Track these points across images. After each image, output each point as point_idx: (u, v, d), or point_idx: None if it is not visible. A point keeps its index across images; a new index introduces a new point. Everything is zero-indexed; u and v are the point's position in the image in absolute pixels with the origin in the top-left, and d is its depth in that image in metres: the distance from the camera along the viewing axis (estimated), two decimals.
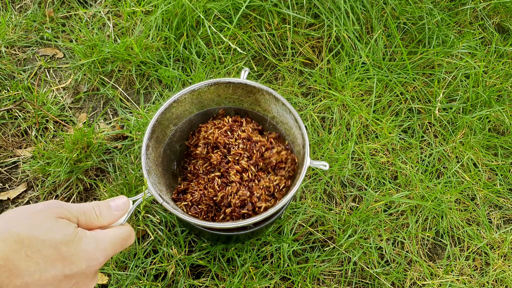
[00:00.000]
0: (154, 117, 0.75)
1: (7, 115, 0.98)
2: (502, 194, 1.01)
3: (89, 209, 0.50)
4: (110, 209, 0.53)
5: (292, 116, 0.77)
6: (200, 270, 0.86)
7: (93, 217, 0.50)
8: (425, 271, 0.89)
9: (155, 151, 0.77)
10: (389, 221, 0.93)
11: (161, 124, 0.77)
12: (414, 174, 0.98)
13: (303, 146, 0.76)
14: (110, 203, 0.53)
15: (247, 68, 0.81)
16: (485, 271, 0.92)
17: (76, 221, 0.48)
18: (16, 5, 1.15)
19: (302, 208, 0.91)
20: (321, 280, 0.87)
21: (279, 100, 0.78)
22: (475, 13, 1.18)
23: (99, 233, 0.49)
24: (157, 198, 0.68)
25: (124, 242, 0.52)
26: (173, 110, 0.79)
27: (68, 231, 0.45)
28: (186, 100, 0.80)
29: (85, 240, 0.46)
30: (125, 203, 0.55)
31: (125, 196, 0.56)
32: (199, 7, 1.03)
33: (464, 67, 1.09)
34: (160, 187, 0.73)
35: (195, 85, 0.78)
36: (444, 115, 1.06)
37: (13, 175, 0.94)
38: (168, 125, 0.80)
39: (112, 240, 0.50)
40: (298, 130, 0.77)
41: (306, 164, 0.72)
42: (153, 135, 0.76)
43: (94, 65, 1.04)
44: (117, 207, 0.54)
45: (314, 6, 1.06)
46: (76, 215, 0.48)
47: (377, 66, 1.07)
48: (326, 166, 0.72)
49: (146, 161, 0.73)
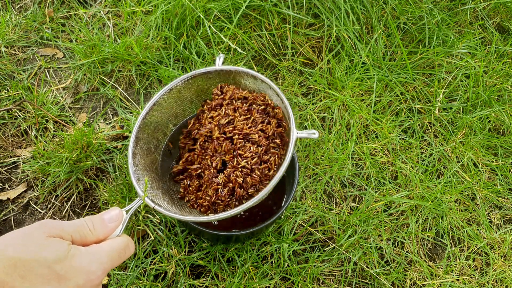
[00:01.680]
0: (136, 123, 0.74)
1: (7, 115, 0.98)
2: (502, 194, 1.01)
3: (82, 224, 0.50)
4: (103, 222, 0.52)
5: (273, 91, 0.76)
6: (200, 270, 0.86)
7: (87, 232, 0.50)
8: (425, 271, 0.89)
9: (144, 158, 0.76)
10: (389, 221, 0.93)
11: (145, 130, 0.76)
12: (414, 174, 0.98)
13: (288, 118, 0.75)
14: (104, 216, 0.53)
15: (222, 54, 0.80)
16: (485, 271, 0.92)
17: (69, 239, 0.48)
18: (16, 5, 1.15)
19: (302, 208, 0.91)
20: (321, 280, 0.87)
21: (257, 78, 0.77)
22: (475, 13, 1.18)
23: (93, 247, 0.49)
24: (149, 203, 0.67)
25: (122, 253, 0.51)
26: (155, 114, 0.77)
27: (61, 249, 0.45)
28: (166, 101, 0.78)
29: (79, 256, 0.46)
30: (118, 214, 0.54)
31: (117, 207, 0.56)
32: (199, 7, 1.02)
33: (464, 67, 1.09)
34: (154, 191, 0.72)
35: (172, 83, 0.77)
36: (444, 115, 1.06)
37: (13, 175, 0.94)
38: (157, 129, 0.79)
39: (108, 252, 0.49)
40: (281, 103, 0.76)
41: (293, 135, 0.70)
42: (138, 143, 0.74)
43: (94, 65, 1.04)
44: (110, 219, 0.53)
45: (314, 6, 1.06)
46: (70, 232, 0.48)
47: (377, 66, 1.07)
48: (315, 134, 0.70)
49: (135, 169, 0.71)
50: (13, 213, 0.90)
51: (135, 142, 0.74)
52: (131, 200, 0.88)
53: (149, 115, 0.76)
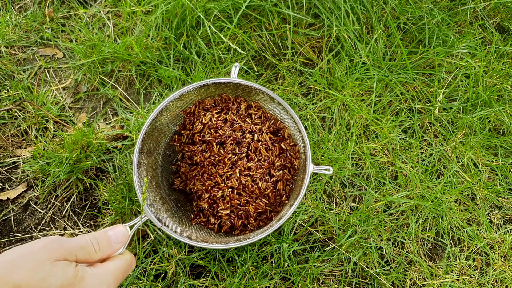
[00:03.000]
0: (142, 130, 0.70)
1: (7, 115, 0.98)
2: (502, 194, 1.01)
3: (88, 244, 0.49)
4: (109, 242, 0.52)
5: (290, 116, 0.74)
6: (200, 270, 0.86)
7: (92, 252, 0.49)
8: (425, 271, 0.89)
9: (147, 166, 0.73)
10: (389, 221, 0.93)
11: (151, 136, 0.74)
12: (414, 174, 0.98)
13: (304, 150, 0.72)
14: (109, 234, 0.53)
15: (238, 64, 0.77)
16: (485, 271, 0.92)
17: (74, 258, 0.47)
18: (16, 5, 1.15)
19: (302, 208, 0.91)
20: (321, 280, 0.87)
21: (274, 100, 0.74)
22: (475, 13, 1.18)
23: (100, 269, 0.49)
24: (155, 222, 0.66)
25: (127, 271, 0.52)
26: (162, 119, 0.75)
27: (68, 274, 0.44)
28: (174, 107, 0.76)
29: (87, 279, 0.46)
30: (125, 235, 0.54)
31: (122, 225, 0.55)
32: (199, 7, 1.02)
33: (464, 67, 1.09)
34: (156, 205, 0.70)
35: (182, 89, 0.74)
36: (444, 115, 1.06)
37: (13, 175, 0.94)
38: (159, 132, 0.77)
39: (114, 274, 0.50)
40: (297, 132, 0.74)
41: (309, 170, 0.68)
42: (143, 151, 0.72)
43: (94, 65, 1.04)
44: (116, 240, 0.53)
45: (314, 6, 1.06)
46: (75, 252, 0.47)
47: (377, 66, 1.07)
48: (330, 171, 0.67)
49: (139, 181, 0.69)
50: (13, 213, 0.90)
51: (140, 150, 0.71)
52: (130, 200, 0.88)
53: (155, 120, 0.73)
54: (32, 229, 0.89)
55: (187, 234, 0.70)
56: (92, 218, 0.91)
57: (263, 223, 0.74)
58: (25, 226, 0.89)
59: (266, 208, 0.74)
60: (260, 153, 0.74)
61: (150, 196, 0.70)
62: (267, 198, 0.73)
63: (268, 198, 0.73)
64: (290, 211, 0.67)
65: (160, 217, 0.68)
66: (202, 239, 0.71)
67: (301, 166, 0.74)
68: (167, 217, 0.70)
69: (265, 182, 0.72)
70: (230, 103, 0.77)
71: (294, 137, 0.76)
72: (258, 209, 0.73)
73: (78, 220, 0.90)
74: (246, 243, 0.66)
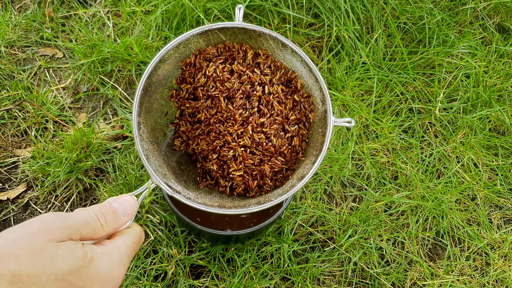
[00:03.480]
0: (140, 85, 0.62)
1: (6, 115, 0.98)
2: (502, 194, 1.00)
3: (93, 219, 0.43)
4: (115, 215, 0.45)
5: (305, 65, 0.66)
6: (200, 270, 0.86)
7: (98, 227, 0.43)
8: (425, 271, 0.89)
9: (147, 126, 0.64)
10: (389, 221, 0.93)
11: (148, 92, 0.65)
12: (415, 174, 0.98)
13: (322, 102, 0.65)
14: (114, 205, 0.46)
15: (241, 5, 0.68)
16: (486, 271, 0.92)
17: (79, 237, 0.40)
18: (15, 5, 1.14)
19: (302, 208, 0.91)
20: (321, 281, 0.87)
21: (287, 47, 0.65)
22: (475, 13, 1.18)
23: (109, 247, 0.43)
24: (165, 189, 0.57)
25: (137, 247, 0.46)
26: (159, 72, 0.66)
27: (76, 256, 0.38)
28: (172, 57, 0.67)
29: (97, 260, 0.40)
30: (132, 205, 0.47)
31: (128, 195, 0.49)
32: (199, 7, 1.02)
33: (464, 67, 1.09)
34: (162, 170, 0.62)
35: (181, 36, 0.64)
36: (445, 115, 1.06)
37: (13, 175, 0.94)
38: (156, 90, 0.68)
39: (126, 251, 0.44)
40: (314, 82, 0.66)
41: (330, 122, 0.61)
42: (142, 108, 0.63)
43: (94, 65, 1.04)
44: (123, 212, 0.46)
45: (314, 6, 1.06)
46: (79, 229, 0.41)
47: (377, 66, 1.07)
48: (352, 122, 0.62)
49: (141, 144, 0.60)
50: (13, 213, 0.90)
51: (139, 108, 0.63)
52: None
53: (152, 74, 0.65)
54: None
55: (201, 200, 0.63)
56: None
57: (279, 182, 0.68)
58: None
59: (282, 167, 0.68)
60: (272, 107, 0.67)
61: (155, 160, 0.62)
62: (282, 155, 0.67)
63: (284, 155, 0.67)
64: (314, 168, 0.61)
65: (168, 182, 0.60)
66: (218, 204, 0.64)
67: (318, 119, 0.67)
68: (174, 183, 0.62)
69: (280, 139, 0.66)
70: (235, 52, 0.69)
71: (310, 88, 0.68)
72: (274, 168, 0.66)
73: None
74: (269, 205, 0.60)
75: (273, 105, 0.67)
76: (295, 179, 0.65)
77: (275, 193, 0.65)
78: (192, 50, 0.69)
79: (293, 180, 0.65)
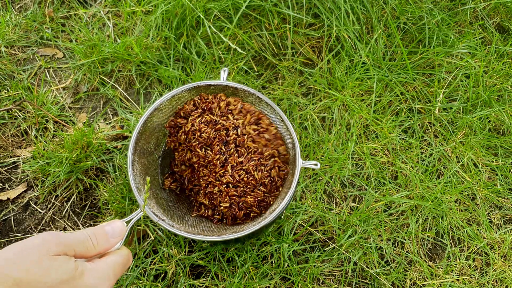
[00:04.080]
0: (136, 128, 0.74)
1: (7, 115, 0.98)
2: (502, 194, 1.01)
3: (86, 238, 0.49)
4: (106, 237, 0.52)
5: (277, 116, 0.77)
6: (200, 270, 0.86)
7: (90, 247, 0.50)
8: (425, 271, 0.89)
9: (140, 164, 0.76)
10: (389, 221, 0.93)
11: (143, 135, 0.76)
12: (414, 174, 0.98)
13: (292, 147, 0.75)
14: (106, 228, 0.53)
15: (226, 68, 0.81)
16: (485, 271, 0.92)
17: (73, 253, 0.47)
18: (16, 5, 1.15)
19: (302, 208, 0.91)
20: (321, 280, 0.87)
21: (262, 100, 0.78)
22: (475, 13, 1.18)
23: (99, 264, 0.49)
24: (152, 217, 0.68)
25: (124, 267, 0.52)
26: (154, 119, 0.78)
27: (68, 268, 0.44)
28: (166, 107, 0.79)
29: (87, 274, 0.46)
30: (122, 230, 0.55)
31: (119, 220, 0.56)
32: (199, 7, 1.02)
33: (464, 67, 1.09)
34: (151, 202, 0.73)
35: (174, 91, 0.78)
36: (444, 115, 1.06)
37: (13, 175, 0.94)
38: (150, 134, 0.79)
39: (113, 269, 0.50)
40: (285, 130, 0.77)
41: (298, 164, 0.72)
42: (137, 148, 0.74)
43: (94, 65, 1.04)
44: (113, 234, 0.53)
45: (314, 6, 1.06)
46: (73, 247, 0.47)
47: (377, 66, 1.07)
48: (317, 165, 0.72)
49: (134, 178, 0.71)
50: (13, 213, 0.90)
51: (135, 148, 0.74)
52: (130, 200, 0.88)
53: (148, 120, 0.76)
54: (32, 229, 0.89)
55: (184, 228, 0.73)
56: (92, 218, 0.91)
57: (264, 210, 0.77)
58: (25, 226, 0.89)
59: (264, 196, 0.76)
60: (248, 147, 0.77)
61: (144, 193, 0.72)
62: (263, 185, 0.76)
63: (265, 185, 0.76)
64: (283, 203, 0.70)
65: (156, 212, 0.70)
66: (199, 232, 0.73)
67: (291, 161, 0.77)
68: (161, 214, 0.73)
69: (260, 172, 0.76)
70: (210, 102, 0.80)
71: (283, 135, 0.79)
72: (257, 198, 0.75)
73: (78, 220, 0.90)
74: (241, 234, 0.68)
75: (247, 145, 0.77)
76: (268, 212, 0.73)
77: (249, 224, 0.74)
78: (183, 102, 0.81)
79: (265, 214, 0.74)
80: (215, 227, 0.77)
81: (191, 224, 0.78)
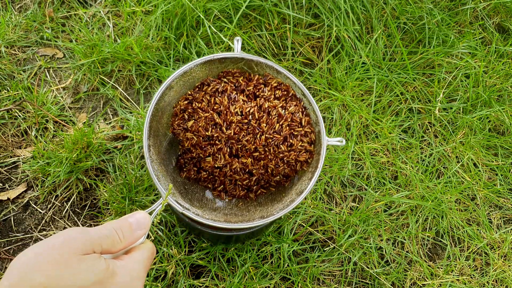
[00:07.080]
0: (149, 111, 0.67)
1: (7, 115, 0.98)
2: (502, 194, 1.01)
3: (112, 233, 0.45)
4: (131, 229, 0.48)
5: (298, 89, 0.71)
6: (200, 270, 0.86)
7: (117, 241, 0.46)
8: (425, 271, 0.89)
9: (155, 148, 0.69)
10: (389, 221, 0.93)
11: (156, 116, 0.70)
12: (414, 174, 0.98)
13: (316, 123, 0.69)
14: (130, 221, 0.49)
15: (239, 37, 0.74)
16: (485, 271, 0.92)
17: (100, 249, 0.43)
18: (16, 5, 1.15)
19: (302, 208, 0.91)
20: (321, 280, 0.87)
21: (281, 73, 0.71)
22: (475, 13, 1.18)
23: (129, 261, 0.46)
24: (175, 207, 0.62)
25: (151, 261, 0.49)
26: (165, 98, 0.71)
27: (99, 269, 0.40)
28: (178, 84, 0.72)
29: (119, 273, 0.42)
30: (146, 221, 0.50)
31: (142, 211, 0.52)
32: (199, 7, 1.02)
33: (464, 67, 1.09)
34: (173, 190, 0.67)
35: (186, 66, 0.70)
36: (444, 115, 1.06)
37: (13, 175, 0.94)
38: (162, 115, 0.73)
39: (144, 265, 0.47)
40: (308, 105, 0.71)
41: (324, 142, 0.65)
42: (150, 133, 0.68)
43: (94, 65, 1.04)
44: (138, 226, 0.49)
45: (314, 6, 1.06)
46: (100, 243, 0.43)
47: (377, 66, 1.07)
48: (343, 142, 0.66)
49: (152, 165, 0.65)
50: (13, 213, 0.90)
51: (149, 133, 0.67)
52: (130, 200, 0.88)
53: (160, 100, 0.69)
54: (32, 229, 0.89)
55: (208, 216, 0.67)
56: (92, 218, 0.91)
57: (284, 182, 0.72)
58: (25, 226, 0.89)
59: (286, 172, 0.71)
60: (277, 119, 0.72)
61: (164, 180, 0.67)
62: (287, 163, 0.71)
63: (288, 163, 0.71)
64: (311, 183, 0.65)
65: (178, 200, 0.64)
66: (224, 219, 0.67)
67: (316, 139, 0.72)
68: (182, 201, 0.67)
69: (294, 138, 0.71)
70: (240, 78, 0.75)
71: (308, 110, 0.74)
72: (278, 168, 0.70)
73: (78, 220, 0.90)
74: (271, 219, 0.63)
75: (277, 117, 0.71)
76: (294, 194, 0.68)
77: (276, 207, 0.69)
78: (195, 78, 0.74)
79: (292, 195, 0.69)
80: (237, 208, 0.72)
81: (211, 207, 0.72)
